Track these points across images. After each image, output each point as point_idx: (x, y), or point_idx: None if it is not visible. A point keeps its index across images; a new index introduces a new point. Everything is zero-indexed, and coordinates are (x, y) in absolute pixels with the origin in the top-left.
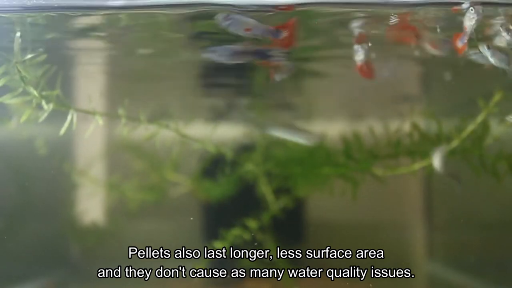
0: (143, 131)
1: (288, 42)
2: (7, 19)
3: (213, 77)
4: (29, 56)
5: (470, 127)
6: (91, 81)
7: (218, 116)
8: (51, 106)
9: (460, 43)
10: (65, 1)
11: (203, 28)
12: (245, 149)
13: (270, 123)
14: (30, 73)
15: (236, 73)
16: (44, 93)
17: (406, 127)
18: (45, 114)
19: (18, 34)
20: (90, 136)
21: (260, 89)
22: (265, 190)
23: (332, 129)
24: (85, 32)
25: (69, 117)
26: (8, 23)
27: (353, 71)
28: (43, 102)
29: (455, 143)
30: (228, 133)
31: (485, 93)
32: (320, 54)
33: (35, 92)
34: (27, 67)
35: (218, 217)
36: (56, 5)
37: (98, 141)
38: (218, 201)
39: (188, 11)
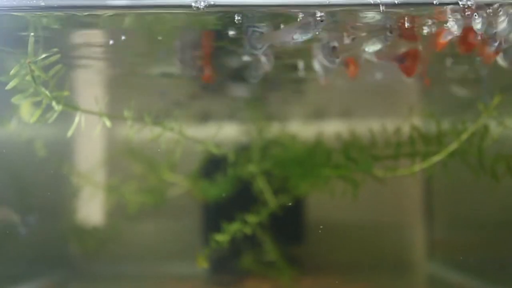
0: (143, 133)
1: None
2: (16, 19)
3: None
4: (43, 55)
5: (470, 129)
6: (92, 83)
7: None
8: (60, 106)
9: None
10: (67, 1)
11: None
12: (244, 149)
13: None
14: (42, 73)
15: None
16: (54, 93)
17: (406, 128)
18: (55, 115)
19: (32, 33)
20: (89, 138)
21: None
22: (264, 190)
23: (331, 129)
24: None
25: (76, 119)
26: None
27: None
28: (54, 103)
29: (455, 145)
30: (226, 132)
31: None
32: None
33: (47, 92)
34: (38, 67)
35: (216, 217)
36: (56, 5)
37: (98, 143)
38: (216, 201)
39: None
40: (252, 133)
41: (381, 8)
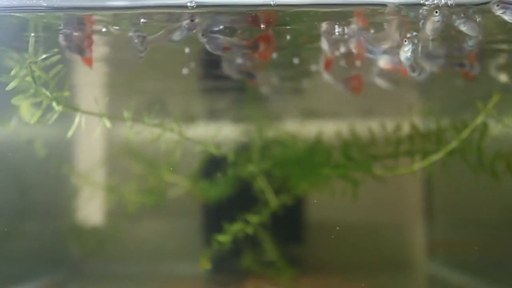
0: (144, 133)
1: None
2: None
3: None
4: (43, 56)
5: (470, 128)
6: (92, 83)
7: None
8: (61, 107)
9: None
10: (67, 2)
11: None
12: (243, 149)
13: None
14: (42, 73)
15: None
16: (54, 94)
17: (405, 127)
18: (55, 116)
19: (32, 34)
20: (90, 138)
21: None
22: (265, 190)
23: (330, 129)
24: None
25: (77, 119)
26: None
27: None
28: (54, 103)
29: (454, 144)
30: (226, 133)
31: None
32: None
33: (47, 93)
34: (39, 68)
35: (217, 217)
36: (56, 6)
37: (98, 143)
38: (217, 202)
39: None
40: (252, 133)
41: None
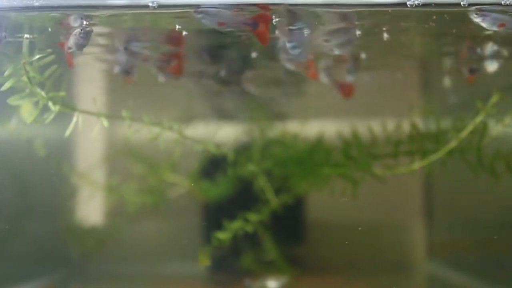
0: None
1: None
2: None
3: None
4: (37, 56)
5: (469, 127)
6: (90, 82)
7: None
8: (57, 107)
9: None
10: (67, 1)
11: None
12: (243, 148)
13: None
14: (37, 73)
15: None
16: (50, 94)
17: (405, 126)
18: (52, 116)
19: (26, 34)
20: (89, 138)
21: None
22: (265, 189)
23: (330, 128)
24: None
25: (74, 119)
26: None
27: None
28: (50, 103)
29: (454, 143)
30: (226, 132)
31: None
32: None
33: (42, 93)
34: (34, 68)
35: (217, 217)
36: (56, 5)
37: (98, 143)
38: (217, 201)
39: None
40: (252, 132)
41: None
